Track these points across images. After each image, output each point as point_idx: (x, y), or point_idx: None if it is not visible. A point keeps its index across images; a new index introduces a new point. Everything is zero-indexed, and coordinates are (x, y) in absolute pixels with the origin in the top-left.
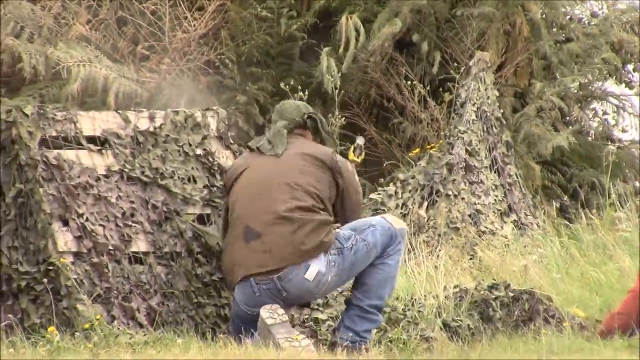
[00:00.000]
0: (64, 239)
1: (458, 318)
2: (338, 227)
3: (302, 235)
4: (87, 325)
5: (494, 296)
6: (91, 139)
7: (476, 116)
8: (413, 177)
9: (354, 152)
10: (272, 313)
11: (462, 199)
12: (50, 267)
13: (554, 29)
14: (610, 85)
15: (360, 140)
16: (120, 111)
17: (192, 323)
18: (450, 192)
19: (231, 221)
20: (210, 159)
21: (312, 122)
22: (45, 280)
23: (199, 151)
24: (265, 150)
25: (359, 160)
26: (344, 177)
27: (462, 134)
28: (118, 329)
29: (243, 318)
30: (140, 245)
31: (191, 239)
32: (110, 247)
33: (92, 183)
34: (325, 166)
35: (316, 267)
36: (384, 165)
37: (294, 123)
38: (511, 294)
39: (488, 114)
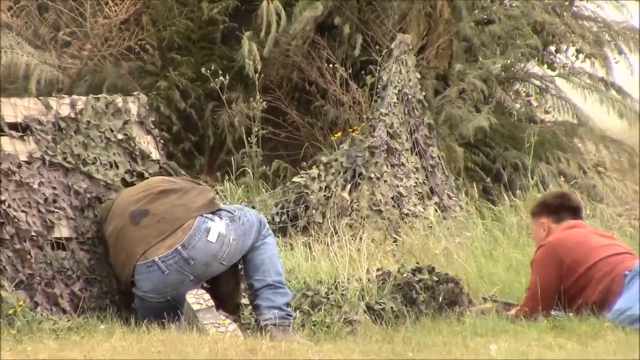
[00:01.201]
0: None
1: (381, 301)
2: None
3: (191, 197)
4: (10, 312)
5: (417, 279)
6: (13, 126)
7: (398, 99)
8: (336, 160)
9: None
10: (198, 298)
11: (385, 181)
12: None
13: (476, 11)
14: (533, 67)
15: None
16: (41, 97)
17: (116, 308)
18: (372, 175)
19: (112, 221)
20: (132, 144)
21: None
22: None
23: (120, 136)
24: None
25: None
26: None
27: (384, 116)
28: (41, 315)
29: (154, 310)
30: (63, 231)
31: None
32: (33, 233)
33: (14, 169)
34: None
35: (217, 229)
36: (306, 148)
37: None
38: (435, 278)
39: (410, 96)
